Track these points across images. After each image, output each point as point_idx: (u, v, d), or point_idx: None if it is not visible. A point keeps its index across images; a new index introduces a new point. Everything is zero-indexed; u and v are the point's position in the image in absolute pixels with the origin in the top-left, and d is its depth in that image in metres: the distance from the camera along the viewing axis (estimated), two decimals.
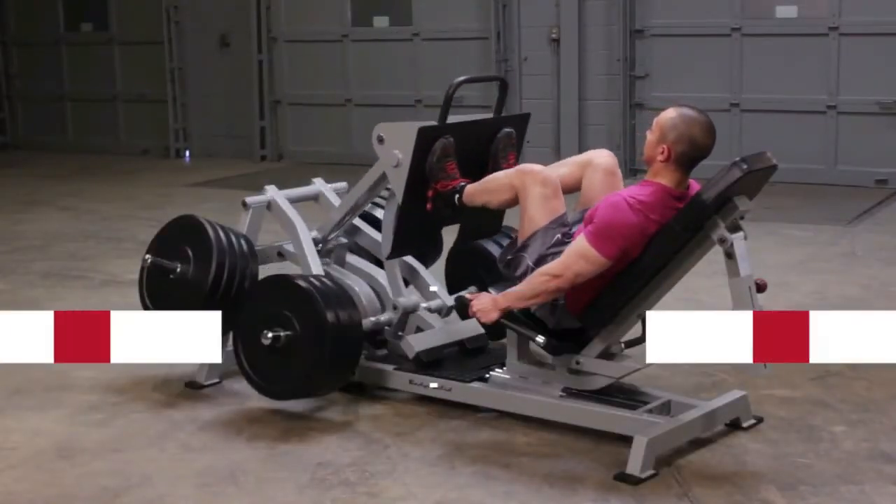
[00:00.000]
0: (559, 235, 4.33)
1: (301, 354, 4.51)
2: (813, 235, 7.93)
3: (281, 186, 5.28)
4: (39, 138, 13.78)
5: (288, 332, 4.52)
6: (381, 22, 11.71)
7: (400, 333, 4.94)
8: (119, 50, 13.24)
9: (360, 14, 11.81)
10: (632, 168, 10.46)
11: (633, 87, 10.52)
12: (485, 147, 4.87)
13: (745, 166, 3.90)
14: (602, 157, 4.57)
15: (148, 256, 5.00)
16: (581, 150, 10.57)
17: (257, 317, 4.62)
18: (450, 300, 5.01)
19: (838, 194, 9.39)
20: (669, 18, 10.33)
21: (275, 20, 12.18)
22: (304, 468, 4.18)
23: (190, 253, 4.89)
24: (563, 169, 4.61)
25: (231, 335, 4.80)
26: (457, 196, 4.66)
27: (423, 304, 4.97)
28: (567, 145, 10.63)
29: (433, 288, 5.04)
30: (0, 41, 14.01)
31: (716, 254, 4.09)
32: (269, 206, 5.17)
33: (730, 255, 3.98)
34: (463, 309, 4.79)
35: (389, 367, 4.83)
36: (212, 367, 5.07)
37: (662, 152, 4.10)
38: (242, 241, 4.96)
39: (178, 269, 4.90)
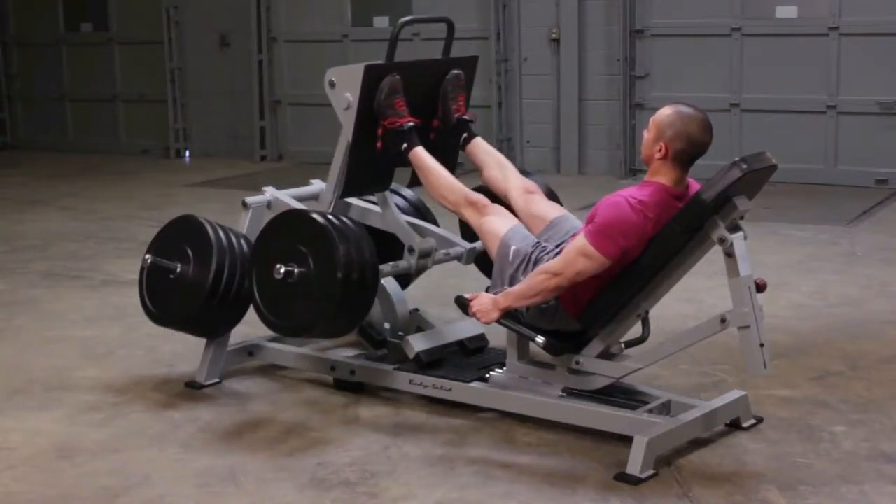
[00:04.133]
0: (530, 250, 4.38)
1: (312, 292, 4.45)
2: (813, 235, 7.93)
3: (281, 186, 5.28)
4: (39, 138, 13.77)
5: (301, 269, 4.48)
6: (381, 22, 11.69)
7: (400, 333, 4.95)
8: (119, 50, 13.22)
9: (360, 14, 11.81)
10: (632, 168, 10.46)
11: (633, 87, 10.52)
12: (434, 88, 4.92)
13: (744, 166, 3.90)
14: (516, 182, 4.72)
15: (148, 256, 5.00)
16: (581, 150, 10.75)
17: (271, 250, 4.56)
18: (468, 246, 4.99)
19: (838, 194, 9.38)
20: (669, 18, 10.32)
21: (275, 20, 12.18)
22: (304, 468, 4.18)
23: (190, 253, 4.89)
24: (496, 173, 4.80)
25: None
26: (405, 146, 4.73)
27: (442, 251, 4.96)
28: (567, 145, 10.64)
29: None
30: (0, 41, 14.01)
31: (716, 254, 4.09)
32: (270, 205, 5.17)
33: (730, 255, 3.98)
34: (463, 309, 4.79)
35: (389, 367, 4.83)
36: (212, 366, 5.07)
37: (660, 150, 4.10)
38: (242, 241, 4.96)
39: (178, 269, 4.90)
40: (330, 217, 4.56)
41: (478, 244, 4.98)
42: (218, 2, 12.40)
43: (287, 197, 5.15)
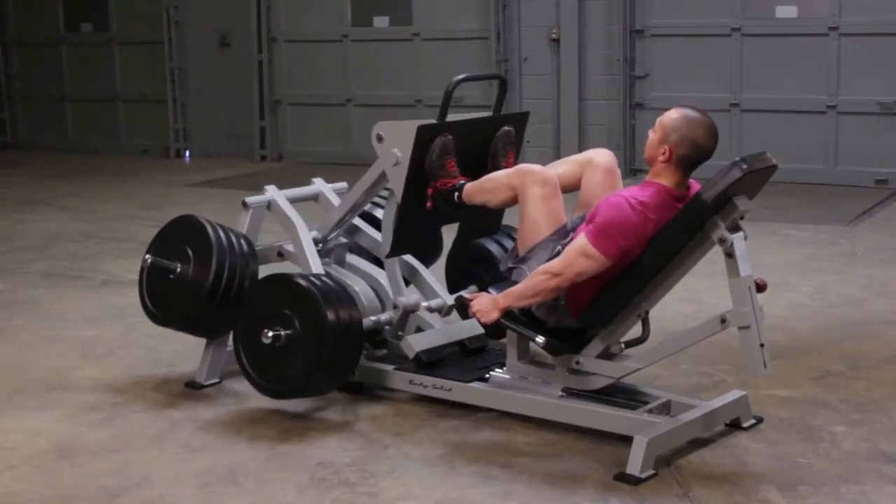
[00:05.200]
0: (560, 248, 4.32)
1: (301, 353, 4.51)
2: (813, 235, 7.93)
3: (281, 186, 5.28)
4: (39, 138, 13.78)
5: (288, 332, 4.52)
6: (381, 22, 11.71)
7: (400, 333, 4.95)
8: (119, 50, 13.24)
9: (360, 14, 11.82)
10: (632, 168, 10.47)
11: (633, 87, 10.52)
12: (484, 145, 4.87)
13: (745, 166, 3.90)
14: (601, 157, 4.56)
15: (148, 256, 5.00)
16: (581, 151, 10.69)
17: (257, 316, 4.62)
18: (450, 299, 5.01)
19: (838, 194, 9.39)
20: (669, 18, 10.33)
21: (275, 20, 12.18)
22: (304, 468, 4.18)
23: (190, 253, 4.89)
24: (563, 167, 4.60)
25: (231, 334, 4.81)
26: (456, 194, 4.66)
27: (424, 304, 4.98)
28: (567, 145, 10.62)
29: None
30: (0, 41, 14.01)
31: (716, 254, 4.09)
32: (269, 206, 5.17)
33: (730, 255, 3.98)
34: (463, 309, 4.79)
35: (389, 367, 4.83)
36: (212, 366, 5.07)
37: (664, 153, 4.10)
38: (242, 241, 4.96)
39: (178, 269, 4.90)
40: (312, 279, 4.61)
41: (462, 293, 5.00)
42: (218, 2, 12.41)
43: (285, 202, 5.15)
